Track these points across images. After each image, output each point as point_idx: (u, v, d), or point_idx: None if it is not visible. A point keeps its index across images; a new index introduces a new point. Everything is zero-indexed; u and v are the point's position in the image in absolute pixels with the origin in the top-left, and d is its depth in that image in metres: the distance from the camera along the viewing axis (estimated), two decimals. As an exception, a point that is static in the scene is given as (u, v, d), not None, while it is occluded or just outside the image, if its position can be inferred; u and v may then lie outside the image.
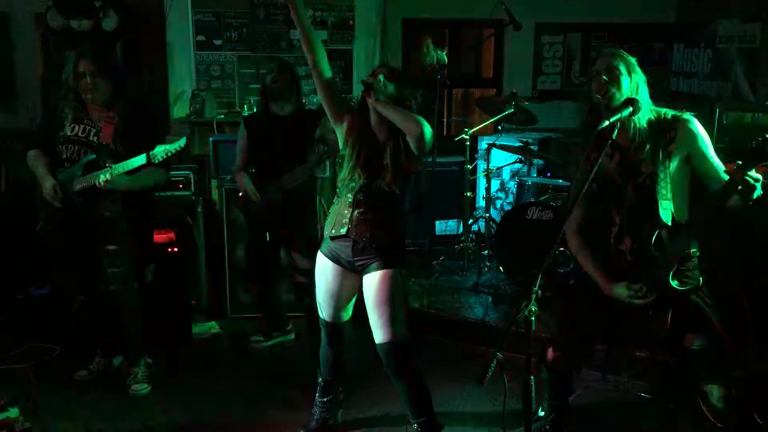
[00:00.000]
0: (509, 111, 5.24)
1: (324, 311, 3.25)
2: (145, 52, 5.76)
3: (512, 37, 6.48)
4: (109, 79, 3.69)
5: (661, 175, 2.73)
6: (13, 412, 3.23)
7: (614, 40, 6.68)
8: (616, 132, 2.59)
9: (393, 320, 2.99)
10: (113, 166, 3.56)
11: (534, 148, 5.51)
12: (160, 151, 3.50)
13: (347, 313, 3.27)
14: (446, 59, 5.01)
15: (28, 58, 5.91)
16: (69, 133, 3.69)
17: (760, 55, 5.30)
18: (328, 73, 3.04)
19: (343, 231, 3.02)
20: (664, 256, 2.70)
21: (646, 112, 2.77)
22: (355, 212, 3.01)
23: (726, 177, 2.63)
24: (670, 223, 2.72)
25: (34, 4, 5.76)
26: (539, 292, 2.25)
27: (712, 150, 2.75)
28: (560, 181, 5.23)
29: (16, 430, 3.17)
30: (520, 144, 5.35)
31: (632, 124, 2.75)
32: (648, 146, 2.75)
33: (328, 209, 3.19)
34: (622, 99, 2.70)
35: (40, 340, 4.37)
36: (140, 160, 3.53)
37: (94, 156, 3.66)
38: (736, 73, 5.57)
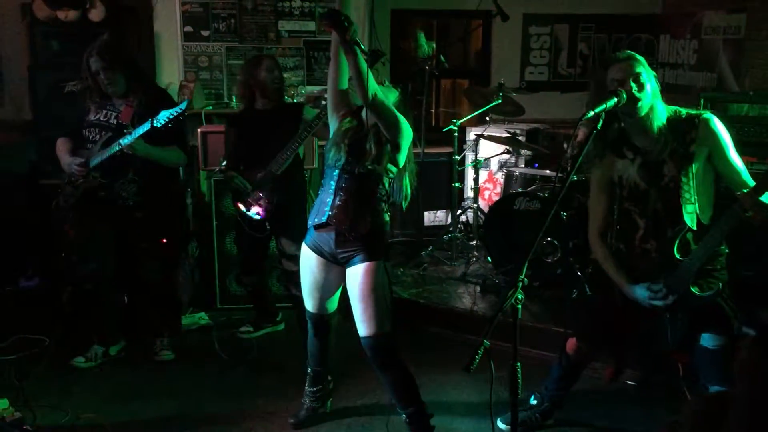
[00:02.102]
0: (497, 102, 5.26)
1: (309, 303, 3.25)
2: (132, 43, 5.72)
3: (500, 28, 6.48)
4: (121, 69, 3.80)
5: (684, 179, 2.65)
6: (3, 403, 3.24)
7: (601, 31, 6.71)
8: (600, 123, 2.50)
9: (376, 314, 2.99)
10: (132, 131, 3.69)
11: (521, 138, 5.53)
12: (163, 116, 3.60)
13: (333, 305, 3.28)
14: (434, 49, 5.04)
15: (14, 48, 5.85)
16: (92, 118, 3.87)
17: (745, 46, 5.34)
18: (345, 75, 3.05)
19: (324, 218, 3.01)
20: (687, 260, 2.64)
21: (663, 112, 2.70)
22: (336, 199, 3.00)
23: (748, 178, 2.62)
24: (694, 227, 2.66)
25: (20, -7, 5.72)
26: (525, 280, 2.27)
27: (733, 150, 2.67)
28: (548, 171, 5.26)
29: (6, 420, 3.17)
30: (508, 135, 5.37)
31: (651, 126, 2.67)
32: (669, 148, 2.67)
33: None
34: (648, 106, 2.64)
35: (29, 331, 4.36)
36: (145, 126, 3.64)
37: (111, 134, 3.79)
38: (722, 64, 5.60)
